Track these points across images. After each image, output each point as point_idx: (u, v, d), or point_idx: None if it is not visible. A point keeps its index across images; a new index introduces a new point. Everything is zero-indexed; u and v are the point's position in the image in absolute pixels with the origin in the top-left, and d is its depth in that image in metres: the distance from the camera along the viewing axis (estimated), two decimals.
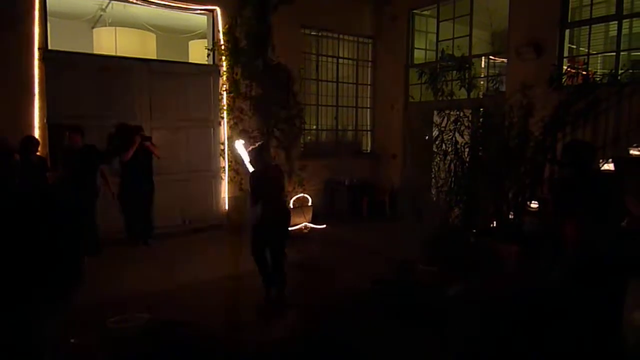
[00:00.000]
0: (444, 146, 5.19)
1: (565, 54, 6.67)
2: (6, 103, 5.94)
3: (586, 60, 6.50)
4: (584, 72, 5.91)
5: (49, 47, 6.27)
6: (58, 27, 7.60)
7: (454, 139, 5.19)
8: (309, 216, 8.15)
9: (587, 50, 6.70)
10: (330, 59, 9.22)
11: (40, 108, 6.20)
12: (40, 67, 6.16)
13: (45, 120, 6.22)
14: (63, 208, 1.06)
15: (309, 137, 9.22)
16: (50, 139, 6.19)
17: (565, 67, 6.55)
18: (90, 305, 3.98)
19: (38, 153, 5.77)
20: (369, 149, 9.86)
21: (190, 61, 8.93)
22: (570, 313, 3.50)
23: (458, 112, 5.24)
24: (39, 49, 6.13)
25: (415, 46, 9.15)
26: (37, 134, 6.08)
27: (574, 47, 7.25)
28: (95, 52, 8.07)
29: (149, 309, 4.56)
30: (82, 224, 1.08)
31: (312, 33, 8.83)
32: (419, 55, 9.19)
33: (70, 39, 7.74)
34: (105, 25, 8.67)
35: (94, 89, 6.61)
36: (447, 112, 5.22)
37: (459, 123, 5.20)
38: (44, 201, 1.05)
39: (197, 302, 4.80)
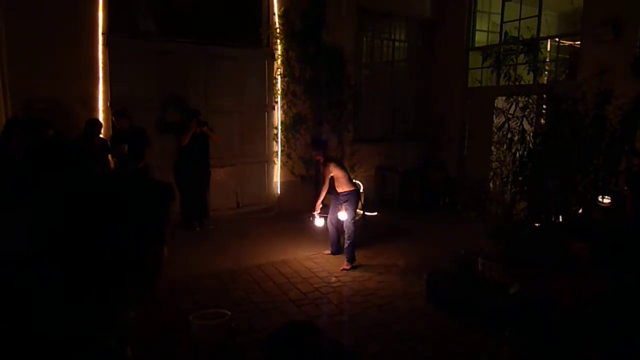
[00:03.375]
0: (509, 134, 4.89)
1: None
2: (72, 87, 6.17)
3: None
4: None
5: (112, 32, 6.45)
6: None
7: (521, 126, 4.87)
8: (360, 203, 8.04)
9: None
10: (386, 42, 8.95)
11: (104, 92, 6.41)
12: (104, 52, 6.35)
13: (108, 104, 6.43)
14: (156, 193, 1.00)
15: (361, 121, 9.04)
16: (113, 122, 6.40)
17: None
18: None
19: (101, 136, 5.99)
20: (425, 134, 9.55)
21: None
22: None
23: (527, 98, 4.90)
24: (102, 33, 6.31)
25: (477, 28, 8.70)
26: (100, 117, 6.30)
27: None
28: None
29: (213, 291, 4.68)
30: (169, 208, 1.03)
31: (369, 14, 8.57)
32: (480, 38, 8.74)
33: None
34: None
35: (154, 73, 6.76)
36: (515, 97, 4.89)
37: (527, 110, 4.87)
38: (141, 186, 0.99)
39: (261, 284, 4.87)
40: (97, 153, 5.80)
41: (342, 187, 5.50)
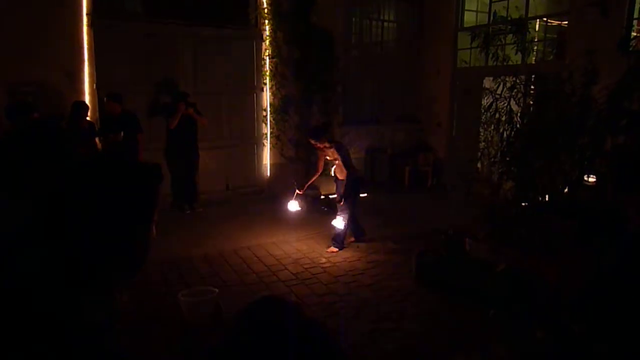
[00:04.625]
0: (497, 115, 4.92)
1: (636, 14, 6.11)
2: (57, 69, 6.06)
3: None
4: None
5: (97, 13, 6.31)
6: None
7: (509, 107, 4.91)
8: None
9: None
10: (375, 22, 8.88)
11: (90, 74, 6.31)
12: (89, 33, 6.23)
13: (94, 86, 6.33)
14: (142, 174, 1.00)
15: (351, 103, 9.02)
16: (100, 104, 6.32)
17: (634, 31, 6.02)
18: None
19: (88, 118, 5.92)
20: (412, 116, 9.56)
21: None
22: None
23: (514, 79, 4.92)
24: (87, 14, 6.18)
25: (466, 8, 8.65)
26: (87, 99, 6.21)
27: None
28: None
29: (203, 273, 4.71)
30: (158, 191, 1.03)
31: None
32: (469, 18, 8.70)
33: None
34: None
35: (140, 54, 6.67)
36: (502, 78, 4.91)
37: (515, 90, 4.90)
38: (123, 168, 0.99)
39: (251, 266, 4.91)
40: (84, 136, 5.73)
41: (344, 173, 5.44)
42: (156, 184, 1.05)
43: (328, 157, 5.45)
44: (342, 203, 5.37)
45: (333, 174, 5.66)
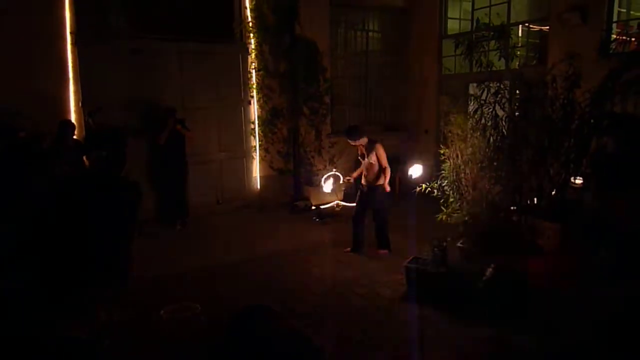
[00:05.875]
0: (483, 120, 4.97)
1: (615, 18, 6.23)
2: (42, 89, 6.02)
3: (639, 25, 6.05)
4: (635, 38, 5.52)
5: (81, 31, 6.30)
6: None
7: (494, 112, 4.96)
8: (341, 194, 8.10)
9: None
10: (360, 33, 8.96)
11: (75, 92, 6.28)
12: (73, 51, 6.21)
13: (80, 104, 6.30)
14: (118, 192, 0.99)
15: (338, 113, 9.05)
16: (87, 122, 6.26)
17: (614, 34, 6.13)
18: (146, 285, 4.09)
19: (75, 137, 5.87)
20: (400, 124, 9.61)
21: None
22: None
23: (498, 84, 4.98)
24: (71, 32, 6.17)
25: (449, 16, 8.77)
26: (73, 118, 6.17)
27: (624, 10, 6.76)
28: None
29: (193, 289, 4.67)
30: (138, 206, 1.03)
31: (342, 5, 8.55)
32: (452, 26, 8.82)
33: None
34: None
35: (126, 71, 6.64)
36: (487, 83, 4.97)
37: (499, 95, 4.95)
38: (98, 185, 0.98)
39: (241, 279, 4.87)
40: (71, 154, 5.69)
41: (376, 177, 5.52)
42: (137, 200, 1.05)
43: (363, 160, 5.51)
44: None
45: (361, 179, 5.67)
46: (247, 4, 7.48)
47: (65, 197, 0.92)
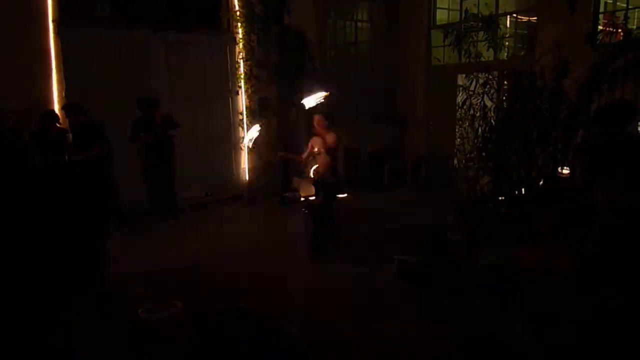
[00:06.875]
0: (472, 110, 4.98)
1: (602, 9, 6.26)
2: (24, 81, 5.88)
3: (625, 16, 6.09)
4: (621, 29, 5.56)
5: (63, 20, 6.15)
6: None
7: (482, 102, 4.96)
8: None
9: (625, 5, 6.27)
10: (349, 22, 8.90)
11: (59, 82, 6.14)
12: (55, 41, 6.06)
13: (64, 94, 6.17)
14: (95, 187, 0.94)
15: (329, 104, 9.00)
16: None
17: (601, 25, 6.16)
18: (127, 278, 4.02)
19: (59, 125, 5.75)
20: (390, 114, 9.59)
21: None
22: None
23: (487, 75, 4.99)
24: (53, 21, 6.02)
25: (438, 6, 8.75)
26: (56, 108, 6.04)
27: (610, 1, 6.81)
28: None
29: (181, 283, 4.62)
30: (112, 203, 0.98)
31: None
32: (441, 16, 8.80)
33: None
34: None
35: (111, 61, 6.51)
36: (475, 74, 4.97)
37: (487, 86, 4.96)
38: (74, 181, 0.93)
39: (231, 273, 4.84)
40: (55, 144, 5.58)
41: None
42: (107, 199, 1.00)
43: (315, 149, 5.36)
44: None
45: (312, 175, 5.59)
46: None
47: (32, 191, 0.87)
